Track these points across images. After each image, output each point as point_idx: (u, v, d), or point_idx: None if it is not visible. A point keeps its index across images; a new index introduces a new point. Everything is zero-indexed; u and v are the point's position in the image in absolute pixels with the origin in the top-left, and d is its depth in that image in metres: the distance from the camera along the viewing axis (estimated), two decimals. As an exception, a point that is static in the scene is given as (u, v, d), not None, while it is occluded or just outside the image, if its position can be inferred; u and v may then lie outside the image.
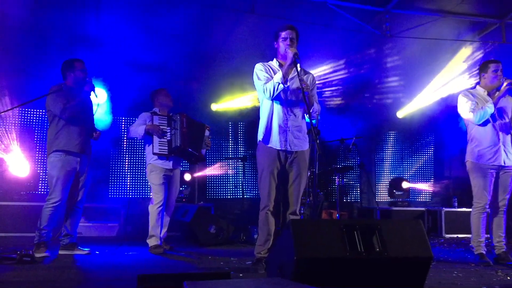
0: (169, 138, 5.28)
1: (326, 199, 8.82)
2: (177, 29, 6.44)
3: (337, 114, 8.57)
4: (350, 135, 8.11)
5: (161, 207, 5.21)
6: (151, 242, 5.17)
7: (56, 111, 4.66)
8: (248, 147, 8.67)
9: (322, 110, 4.34)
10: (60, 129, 4.70)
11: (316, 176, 5.47)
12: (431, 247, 2.98)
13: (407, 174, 9.51)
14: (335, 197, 8.23)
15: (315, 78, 4.26)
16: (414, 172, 9.61)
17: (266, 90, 3.92)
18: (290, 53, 3.84)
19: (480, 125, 4.65)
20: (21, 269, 3.81)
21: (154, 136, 5.25)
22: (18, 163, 6.70)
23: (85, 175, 4.91)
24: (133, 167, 8.01)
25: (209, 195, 8.39)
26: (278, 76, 3.87)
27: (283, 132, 3.98)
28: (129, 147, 8.03)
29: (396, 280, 2.91)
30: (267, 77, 3.99)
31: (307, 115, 3.82)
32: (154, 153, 5.23)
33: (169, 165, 5.33)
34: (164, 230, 5.41)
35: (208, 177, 8.40)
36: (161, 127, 5.28)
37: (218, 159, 8.52)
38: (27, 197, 6.62)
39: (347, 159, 9.18)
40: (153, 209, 5.20)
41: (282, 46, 4.02)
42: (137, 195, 7.99)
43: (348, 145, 7.20)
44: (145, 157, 5.50)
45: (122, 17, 6.05)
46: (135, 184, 8.01)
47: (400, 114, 9.26)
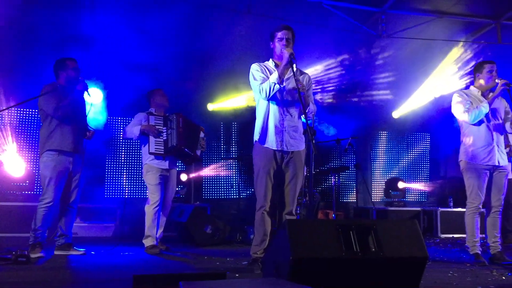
0: (165, 138, 5.28)
1: (322, 199, 8.84)
2: (173, 29, 6.44)
3: (332, 114, 8.57)
4: (346, 135, 8.13)
5: (157, 207, 5.20)
6: (147, 242, 5.16)
7: (49, 110, 4.63)
8: (243, 147, 8.66)
9: (318, 110, 4.33)
10: (53, 128, 4.66)
11: (312, 176, 5.47)
12: (426, 247, 2.99)
13: (403, 174, 9.54)
14: (331, 197, 8.24)
15: (311, 78, 4.26)
16: (410, 172, 9.64)
17: (262, 90, 3.92)
18: (286, 53, 3.84)
19: (474, 125, 4.65)
20: (16, 270, 3.80)
21: (150, 136, 5.24)
22: (13, 163, 6.67)
23: (78, 175, 4.88)
24: (129, 167, 7.99)
25: (205, 195, 8.38)
26: (274, 76, 3.87)
27: (279, 132, 3.98)
28: (125, 147, 8.01)
29: (391, 280, 2.91)
30: (263, 77, 3.99)
31: (303, 115, 3.82)
32: (150, 153, 5.22)
33: (165, 165, 5.32)
34: (160, 230, 5.41)
35: (204, 177, 8.39)
36: (157, 127, 5.28)
37: (214, 160, 8.52)
38: (22, 197, 6.59)
39: (343, 159, 9.20)
40: (149, 209, 5.19)
41: (278, 47, 4.01)
42: (133, 195, 7.97)
43: (344, 145, 7.22)
44: (141, 157, 5.49)
45: (116, 16, 6.05)
46: (131, 184, 7.99)
47: (395, 114, 9.28)
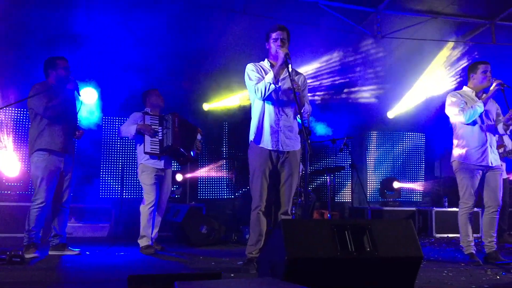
0: (161, 137, 5.27)
1: (317, 199, 8.85)
2: (169, 28, 6.43)
3: (327, 114, 8.58)
4: (341, 135, 8.14)
5: (153, 207, 5.20)
6: (142, 242, 5.16)
7: (39, 109, 4.59)
8: (239, 147, 8.65)
9: (313, 110, 4.34)
10: (43, 128, 4.63)
11: (307, 176, 5.48)
12: (421, 246, 3.00)
13: (398, 174, 9.56)
14: (326, 197, 8.25)
15: (306, 78, 4.27)
16: (405, 172, 9.66)
17: (258, 90, 3.92)
18: (282, 53, 3.84)
19: (468, 125, 4.67)
20: (11, 270, 3.78)
21: (146, 136, 5.23)
22: (7, 163, 6.64)
23: (69, 174, 4.86)
24: (124, 167, 7.96)
25: (201, 195, 8.37)
26: (270, 77, 3.87)
27: (274, 132, 3.98)
28: (120, 147, 7.99)
29: (386, 280, 2.92)
30: (258, 77, 3.99)
31: (298, 115, 3.82)
32: (145, 152, 5.21)
33: (160, 165, 5.31)
34: (156, 230, 5.40)
35: (200, 177, 8.38)
36: (152, 126, 5.27)
37: (210, 159, 8.51)
38: (16, 197, 6.57)
39: (338, 159, 9.21)
40: (144, 209, 5.18)
41: (273, 47, 4.01)
42: (128, 195, 7.95)
43: (339, 145, 7.23)
44: (136, 157, 5.47)
45: (111, 15, 6.02)
46: (126, 184, 7.97)
47: (390, 114, 9.31)
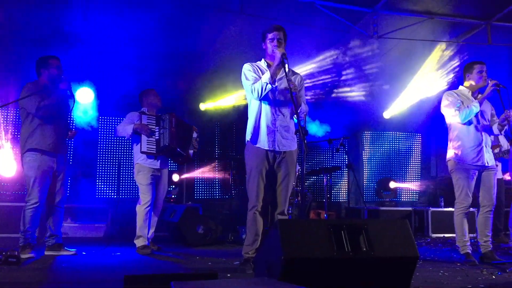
0: (158, 137, 5.26)
1: (314, 199, 8.86)
2: (165, 28, 6.42)
3: (323, 114, 8.59)
4: (337, 135, 8.14)
5: (149, 207, 5.19)
6: (139, 242, 5.15)
7: (31, 109, 4.55)
8: (236, 147, 8.66)
9: (308, 110, 4.34)
10: (34, 128, 4.60)
11: (304, 176, 5.49)
12: (417, 246, 3.00)
13: (394, 174, 9.58)
14: (323, 197, 8.26)
15: (303, 78, 4.27)
16: (401, 172, 9.68)
17: (254, 90, 3.93)
18: (278, 53, 3.85)
19: (464, 124, 4.68)
20: (7, 270, 3.77)
21: (142, 135, 5.22)
22: (3, 163, 6.62)
23: (63, 174, 4.83)
24: (120, 167, 7.95)
25: (197, 195, 8.37)
26: (266, 76, 3.87)
27: (271, 132, 3.98)
28: (116, 146, 7.98)
29: (382, 280, 2.93)
30: (255, 77, 3.99)
31: (295, 115, 3.83)
32: (142, 152, 5.20)
33: (156, 164, 5.30)
34: (152, 230, 5.39)
35: (196, 177, 8.38)
36: (149, 126, 5.26)
37: (207, 160, 8.50)
38: (13, 197, 6.55)
39: (335, 159, 9.22)
40: (140, 209, 5.17)
41: (269, 47, 4.02)
42: (124, 195, 7.94)
43: (336, 145, 7.24)
44: (132, 156, 5.46)
45: (107, 15, 6.00)
46: (122, 184, 7.96)
47: (386, 114, 9.33)
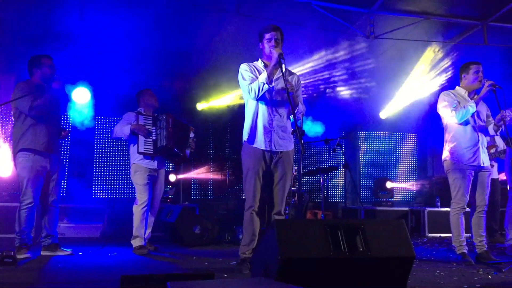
0: (155, 137, 5.26)
1: (311, 199, 8.87)
2: (161, 28, 6.42)
3: (319, 114, 8.61)
4: (334, 135, 8.15)
5: (146, 207, 5.18)
6: (135, 242, 5.14)
7: (24, 108, 4.54)
8: (231, 147, 8.66)
9: (306, 111, 4.34)
10: (27, 127, 4.58)
11: (300, 176, 5.49)
12: (414, 246, 3.01)
13: (391, 174, 9.60)
14: (320, 197, 8.27)
15: (300, 78, 4.27)
16: (398, 172, 9.71)
17: (251, 90, 3.93)
18: (275, 53, 3.85)
19: (461, 125, 4.69)
20: (2, 271, 3.76)
21: (139, 136, 5.21)
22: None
23: (56, 173, 4.82)
24: (117, 167, 7.94)
25: (194, 195, 8.36)
26: (263, 77, 3.87)
27: (268, 132, 3.99)
28: (112, 147, 7.97)
29: (379, 279, 2.93)
30: (252, 77, 4.00)
31: (292, 115, 3.83)
32: (139, 152, 5.19)
33: (154, 165, 5.30)
34: (149, 230, 5.38)
35: (193, 177, 8.37)
36: (146, 126, 5.26)
37: (203, 160, 8.50)
38: (9, 197, 6.53)
39: (331, 159, 9.24)
40: (137, 210, 5.17)
41: (266, 47, 4.02)
42: (121, 195, 7.93)
43: (333, 145, 7.25)
44: (129, 157, 5.46)
45: (103, 14, 5.98)
46: (119, 185, 7.95)
47: (383, 114, 9.35)
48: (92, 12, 6.02)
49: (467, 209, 4.71)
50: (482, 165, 4.68)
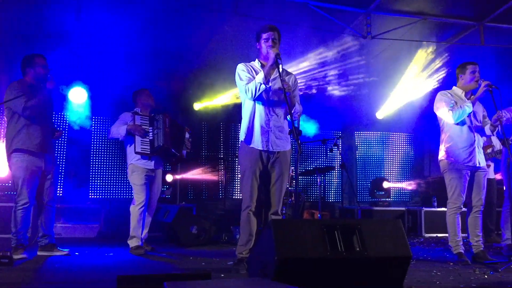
0: (152, 137, 5.25)
1: (308, 199, 8.87)
2: (158, 27, 6.42)
3: (317, 114, 8.61)
4: (331, 135, 8.16)
5: (143, 207, 5.17)
6: (132, 243, 5.13)
7: (17, 109, 4.50)
8: (230, 147, 8.65)
9: (303, 111, 4.34)
10: (20, 128, 4.55)
11: (297, 176, 5.49)
12: (410, 246, 3.02)
13: (388, 174, 9.62)
14: (317, 197, 8.27)
15: (297, 79, 4.28)
16: (395, 172, 9.72)
17: (248, 90, 3.93)
18: (272, 53, 3.85)
19: (457, 125, 4.70)
20: (-1, 271, 3.75)
21: (136, 136, 5.21)
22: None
23: (51, 173, 4.80)
24: (114, 167, 7.93)
25: (191, 195, 8.35)
26: (260, 77, 3.87)
27: (265, 132, 3.98)
28: (109, 146, 7.95)
29: (376, 279, 2.94)
30: (249, 78, 4.00)
31: (289, 115, 3.83)
32: (136, 152, 5.18)
33: (151, 165, 5.29)
34: (146, 230, 5.38)
35: (190, 177, 8.36)
36: (143, 127, 5.25)
37: (200, 160, 8.49)
38: (5, 198, 6.51)
39: (328, 159, 9.24)
40: (134, 210, 5.16)
41: (264, 47, 4.02)
42: (118, 195, 7.91)
43: (330, 145, 7.26)
44: (126, 157, 5.44)
45: (100, 14, 5.98)
46: (115, 185, 7.93)
47: (379, 114, 9.36)
48: (89, 12, 6.00)
49: (463, 209, 4.73)
50: (478, 165, 4.69)
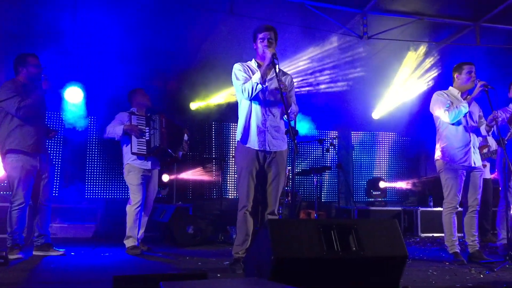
0: (148, 138, 5.24)
1: (304, 199, 8.88)
2: (155, 27, 6.41)
3: (314, 114, 8.62)
4: (327, 135, 8.15)
5: (139, 207, 5.16)
6: (128, 243, 5.12)
7: (11, 109, 4.48)
8: (227, 147, 8.65)
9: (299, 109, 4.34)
10: (13, 128, 4.53)
11: (294, 176, 5.50)
12: (407, 246, 3.02)
13: (384, 174, 9.63)
14: (313, 197, 8.27)
15: (293, 79, 4.28)
16: (391, 172, 9.74)
17: (245, 90, 3.92)
18: (269, 53, 3.85)
19: (453, 125, 4.72)
20: (-6, 271, 3.74)
21: (133, 136, 5.19)
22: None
23: (47, 173, 4.79)
24: (110, 167, 7.90)
25: (188, 195, 8.34)
26: (257, 76, 3.87)
27: (261, 132, 3.98)
28: (105, 146, 7.92)
29: (372, 279, 2.94)
30: (245, 77, 3.99)
31: (285, 115, 3.83)
32: (133, 153, 5.17)
33: (147, 165, 5.28)
34: (142, 230, 5.37)
35: (187, 177, 8.35)
36: (139, 127, 5.24)
37: (197, 159, 8.48)
38: (0, 198, 6.48)
39: (324, 159, 9.25)
40: (130, 210, 5.15)
41: (260, 47, 4.02)
42: (114, 195, 7.89)
43: (326, 145, 7.27)
44: (122, 156, 5.43)
45: (97, 13, 5.97)
46: (112, 185, 7.91)
47: (375, 114, 9.37)
48: (85, 12, 5.99)
49: (459, 208, 4.74)
50: (474, 165, 4.70)
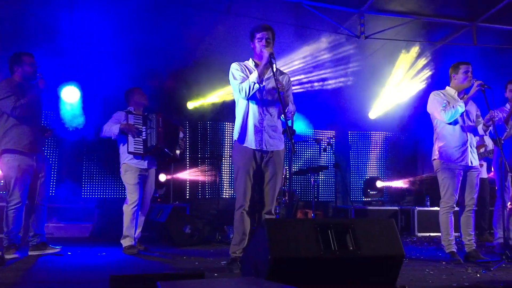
0: (145, 137, 5.23)
1: (301, 198, 8.88)
2: (153, 27, 6.40)
3: (311, 114, 8.62)
4: (324, 134, 8.15)
5: (136, 207, 5.15)
6: (125, 242, 5.11)
7: (6, 109, 4.46)
8: (224, 146, 8.64)
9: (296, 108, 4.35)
10: (9, 127, 4.51)
11: (291, 176, 5.49)
12: (403, 245, 3.03)
13: (381, 173, 9.64)
14: (310, 196, 8.28)
15: (290, 78, 4.28)
16: (388, 172, 9.75)
17: (242, 89, 3.92)
18: (266, 53, 3.85)
19: (450, 124, 4.72)
20: (-10, 271, 3.73)
21: (129, 135, 5.19)
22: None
23: (43, 172, 4.78)
24: (106, 166, 7.89)
25: (185, 195, 8.33)
26: (254, 76, 3.87)
27: (258, 131, 3.98)
28: (102, 146, 7.90)
29: (369, 278, 2.95)
30: (242, 77, 3.99)
31: (283, 115, 3.84)
32: (129, 152, 5.16)
33: (144, 164, 5.27)
34: (139, 230, 5.36)
35: (184, 177, 8.34)
36: (136, 126, 5.23)
37: (194, 159, 8.47)
38: (-2, 198, 6.47)
39: (322, 158, 9.26)
40: (127, 209, 5.14)
41: (257, 46, 4.01)
42: (111, 195, 7.88)
43: (323, 145, 7.28)
44: (119, 156, 5.42)
45: (95, 13, 5.96)
46: (108, 184, 7.90)
47: (372, 114, 9.38)
48: (81, 10, 5.98)
49: (456, 208, 4.75)
50: (470, 164, 4.71)
